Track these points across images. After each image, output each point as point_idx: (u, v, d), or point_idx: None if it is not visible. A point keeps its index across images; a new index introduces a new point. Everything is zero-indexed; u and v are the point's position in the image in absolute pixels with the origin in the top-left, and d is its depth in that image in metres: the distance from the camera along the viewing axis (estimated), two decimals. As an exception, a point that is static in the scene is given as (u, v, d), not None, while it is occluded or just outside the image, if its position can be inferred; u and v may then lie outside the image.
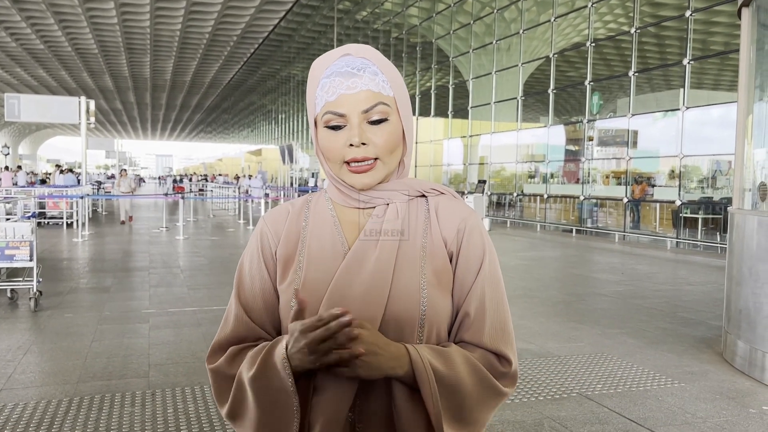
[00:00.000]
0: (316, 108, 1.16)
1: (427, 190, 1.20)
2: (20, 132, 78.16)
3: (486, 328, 1.12)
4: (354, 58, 1.13)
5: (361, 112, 1.10)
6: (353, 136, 1.10)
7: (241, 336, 1.16)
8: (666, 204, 15.55)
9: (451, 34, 24.05)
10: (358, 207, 1.17)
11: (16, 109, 18.90)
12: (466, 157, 24.24)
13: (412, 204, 1.18)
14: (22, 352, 4.97)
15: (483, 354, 1.11)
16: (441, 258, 1.13)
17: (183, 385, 4.21)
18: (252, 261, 1.19)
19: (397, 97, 1.15)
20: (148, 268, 9.33)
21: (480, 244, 1.15)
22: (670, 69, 16.31)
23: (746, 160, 5.22)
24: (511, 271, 9.93)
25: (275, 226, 1.20)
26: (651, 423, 3.68)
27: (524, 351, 5.18)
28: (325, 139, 1.13)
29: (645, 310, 6.95)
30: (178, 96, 54.08)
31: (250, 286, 1.18)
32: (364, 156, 1.11)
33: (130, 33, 30.86)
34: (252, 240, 1.22)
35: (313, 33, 35.35)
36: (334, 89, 1.11)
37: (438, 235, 1.15)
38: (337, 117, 1.11)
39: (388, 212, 1.15)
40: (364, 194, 1.16)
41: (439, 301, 1.11)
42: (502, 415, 3.75)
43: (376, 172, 1.12)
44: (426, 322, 1.09)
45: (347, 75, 1.11)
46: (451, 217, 1.16)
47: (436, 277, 1.12)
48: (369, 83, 1.11)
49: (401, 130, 1.15)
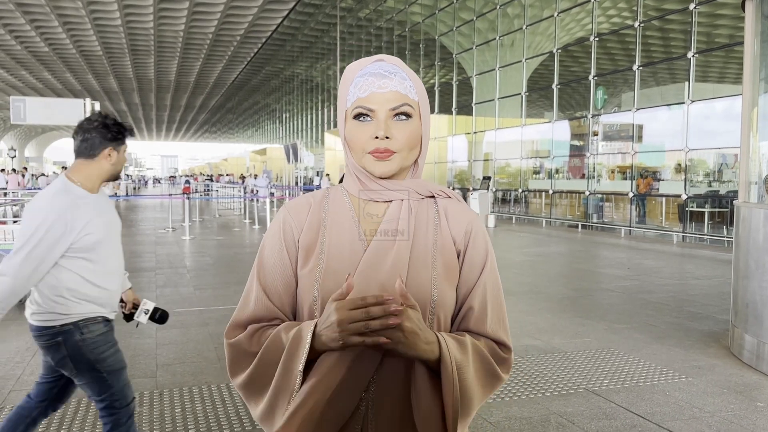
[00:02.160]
0: (347, 102, 1.27)
1: (437, 192, 1.30)
2: (26, 135, 78.46)
3: (488, 320, 1.25)
4: (386, 64, 1.26)
5: (388, 109, 1.22)
6: (379, 129, 1.21)
7: (259, 316, 1.25)
8: (672, 198, 15.50)
9: (454, 30, 24.02)
10: (374, 199, 1.27)
11: (21, 111, 18.95)
12: (471, 153, 24.21)
13: (423, 203, 1.29)
14: (30, 353, 4.99)
15: (487, 342, 1.24)
16: (449, 255, 1.25)
17: (190, 385, 4.22)
18: (273, 247, 1.27)
19: (420, 103, 1.28)
20: (154, 269, 9.35)
21: (484, 246, 1.29)
22: (675, 62, 16.24)
23: (752, 152, 5.20)
24: (516, 267, 9.92)
25: (298, 216, 1.29)
26: (658, 418, 3.68)
27: (530, 347, 5.18)
28: (353, 130, 1.24)
29: (651, 304, 6.93)
30: (182, 96, 54.19)
31: (271, 270, 1.26)
32: (387, 148, 1.21)
33: (133, 34, 30.93)
34: (274, 228, 1.30)
35: (315, 31, 35.37)
36: (366, 87, 1.23)
37: (447, 234, 1.27)
38: (366, 110, 1.23)
39: (402, 209, 1.25)
40: (381, 187, 1.26)
41: (447, 293, 1.23)
42: (509, 411, 3.75)
43: (393, 162, 1.22)
44: (435, 311, 1.20)
45: (379, 76, 1.23)
46: (460, 220, 1.29)
47: (445, 272, 1.23)
48: (398, 86, 1.23)
49: (420, 133, 1.27)
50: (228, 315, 6.37)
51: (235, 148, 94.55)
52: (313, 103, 43.62)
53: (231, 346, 1.23)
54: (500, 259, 10.49)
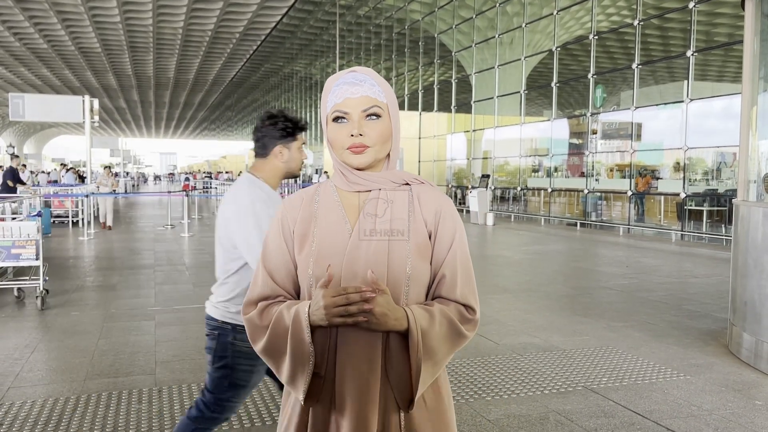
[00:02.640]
0: (327, 109, 1.50)
1: (411, 180, 1.54)
2: (25, 131, 78.37)
3: (458, 287, 1.48)
4: (358, 74, 1.48)
5: (360, 110, 1.46)
6: (354, 128, 1.45)
7: (266, 294, 1.51)
8: (670, 196, 15.51)
9: (453, 28, 24.01)
10: (356, 190, 1.50)
11: (20, 108, 18.93)
12: (470, 151, 24.21)
13: (399, 191, 1.52)
14: (29, 350, 4.99)
15: (455, 306, 1.47)
16: (422, 235, 1.48)
17: (189, 382, 4.22)
18: (275, 238, 1.53)
19: (389, 104, 1.50)
20: (153, 266, 9.35)
21: (452, 225, 1.50)
22: (674, 61, 16.25)
23: (751, 151, 5.20)
24: (515, 265, 9.93)
25: (292, 210, 1.54)
26: (657, 416, 3.69)
27: (529, 345, 5.18)
28: (333, 132, 1.48)
29: (650, 303, 6.94)
30: (181, 94, 54.11)
31: (275, 257, 1.52)
32: (361, 143, 1.45)
33: (132, 31, 30.87)
34: (274, 222, 1.56)
35: (315, 29, 35.32)
36: (341, 94, 1.47)
37: (420, 217, 1.49)
38: (342, 114, 1.46)
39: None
40: (361, 179, 1.49)
41: (420, 268, 1.45)
42: (508, 409, 3.76)
43: (367, 155, 1.46)
44: (410, 283, 1.44)
45: (352, 84, 1.47)
46: (431, 203, 1.51)
47: (418, 250, 1.46)
48: (368, 91, 1.47)
49: (390, 130, 1.50)
50: (227, 312, 6.36)
51: (233, 145, 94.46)
52: (312, 101, 43.59)
53: (247, 321, 1.50)
54: (499, 257, 10.49)
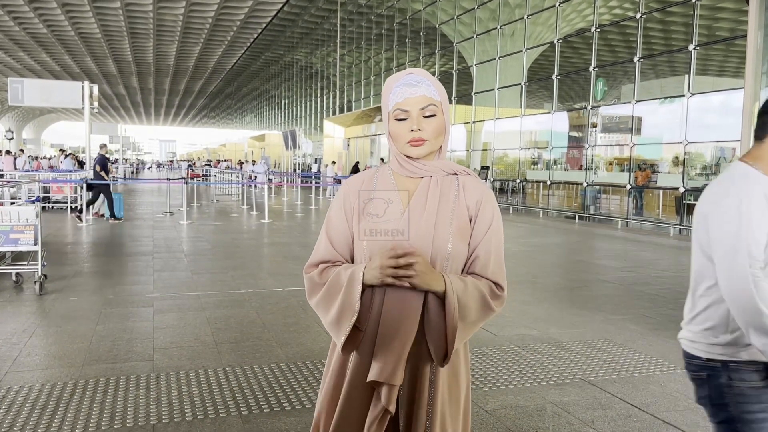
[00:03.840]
0: (389, 107, 1.72)
1: (459, 171, 1.76)
2: (24, 117, 78.12)
3: (490, 266, 1.69)
4: (416, 76, 1.70)
5: (419, 108, 1.68)
6: (413, 124, 1.68)
7: (326, 258, 1.75)
8: (669, 191, 15.52)
9: (455, 19, 23.92)
10: (411, 176, 1.73)
11: (19, 93, 18.87)
12: (470, 143, 24.18)
13: (446, 178, 1.74)
14: (27, 335, 4.99)
15: (487, 282, 1.68)
16: (464, 219, 1.69)
17: (187, 369, 4.23)
18: (338, 211, 1.77)
19: (442, 102, 1.72)
20: (152, 253, 9.35)
21: (491, 211, 1.72)
22: (675, 55, 16.19)
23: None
24: (513, 257, 9.93)
25: (354, 188, 1.78)
26: (654, 408, 3.70)
27: (527, 336, 5.19)
28: (395, 128, 1.71)
29: (648, 296, 6.95)
30: (181, 81, 53.92)
31: (336, 227, 1.76)
32: (419, 137, 1.68)
33: (133, 18, 30.72)
34: (338, 197, 1.80)
35: (316, 18, 35.18)
36: (402, 94, 1.69)
37: (463, 203, 1.71)
38: (403, 112, 1.69)
39: (431, 184, 1.71)
40: (415, 167, 1.72)
41: (459, 247, 1.68)
42: (505, 400, 3.77)
43: (424, 147, 1.69)
44: (450, 259, 1.66)
45: (411, 85, 1.68)
46: (474, 192, 1.73)
47: (459, 232, 1.68)
48: (424, 91, 1.68)
49: (443, 125, 1.72)
50: (225, 300, 6.38)
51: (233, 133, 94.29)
52: (312, 90, 43.48)
53: (308, 279, 1.74)
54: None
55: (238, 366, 4.30)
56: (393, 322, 1.61)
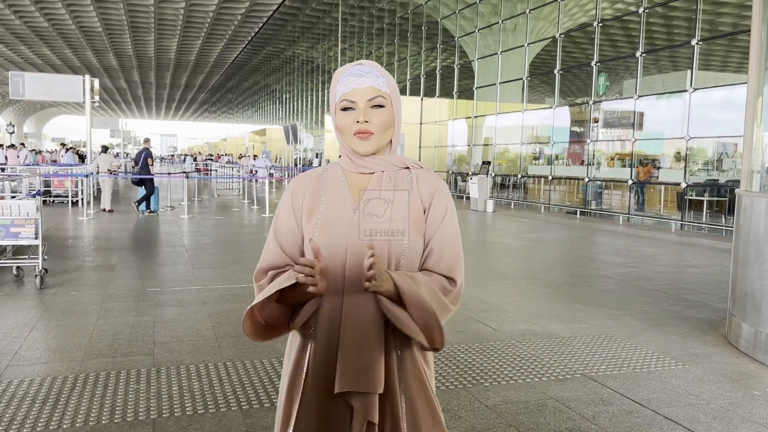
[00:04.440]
0: (336, 98, 1.65)
1: (411, 164, 1.70)
2: (25, 111, 78.08)
3: (444, 260, 1.61)
4: (364, 66, 1.64)
5: (366, 100, 1.61)
6: (359, 116, 1.61)
7: (276, 264, 1.66)
8: (671, 186, 15.49)
9: (456, 13, 23.85)
10: (361, 172, 1.66)
11: (20, 87, 18.84)
12: (471, 138, 24.14)
13: (400, 173, 1.67)
14: (27, 329, 4.99)
15: (438, 277, 1.60)
16: (418, 212, 1.62)
17: (188, 363, 4.22)
18: (286, 212, 1.69)
19: (391, 95, 1.65)
20: (152, 247, 9.34)
21: (444, 203, 1.66)
22: (677, 50, 16.15)
23: (755, 142, 5.17)
24: (514, 252, 9.92)
25: (302, 186, 1.70)
26: (655, 404, 3.69)
27: (528, 332, 5.18)
28: (341, 119, 1.64)
29: (649, 292, 6.94)
30: (182, 75, 53.83)
31: (284, 229, 1.68)
32: (366, 129, 1.60)
33: (134, 11, 30.64)
34: (285, 196, 1.72)
35: (317, 12, 35.07)
36: (349, 84, 1.62)
37: (417, 196, 1.64)
38: (349, 102, 1.62)
39: (384, 179, 1.64)
40: (366, 162, 1.65)
41: (416, 242, 1.61)
42: (506, 395, 3.76)
43: (372, 142, 1.62)
44: (406, 253, 1.59)
45: (358, 76, 1.62)
46: (427, 184, 1.67)
47: (414, 225, 1.61)
48: (372, 82, 1.62)
49: (393, 118, 1.66)
50: (226, 295, 6.37)
51: (234, 128, 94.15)
52: (313, 85, 43.41)
53: (258, 287, 1.65)
54: (498, 244, 10.46)
55: (238, 360, 4.29)
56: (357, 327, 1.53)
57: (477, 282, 7.24)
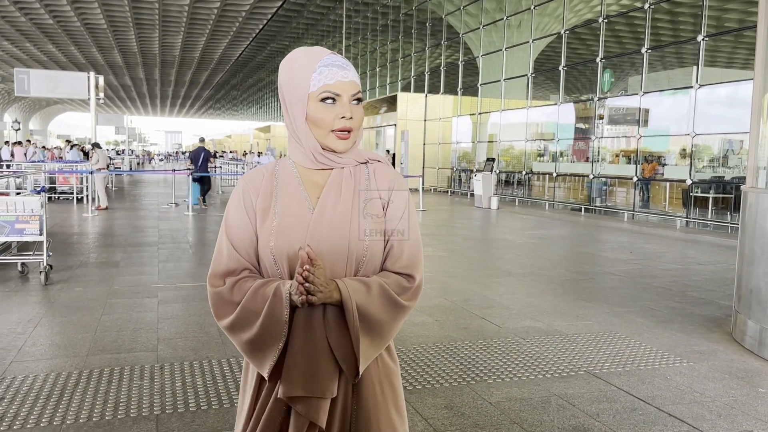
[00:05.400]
0: (310, 87, 1.52)
1: (369, 158, 1.63)
2: (30, 107, 78.24)
3: (403, 258, 1.56)
4: (340, 58, 1.56)
5: (350, 95, 1.53)
6: (345, 111, 1.52)
7: (232, 268, 1.55)
8: (676, 183, 15.43)
9: (461, 10, 23.79)
10: (321, 169, 1.58)
11: (25, 83, 18.90)
12: (475, 134, 24.09)
13: (358, 168, 1.61)
14: (32, 324, 5.00)
15: (395, 277, 1.54)
16: (377, 210, 1.57)
17: (191, 359, 4.23)
18: (237, 211, 1.57)
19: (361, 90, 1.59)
20: (157, 244, 9.35)
21: (404, 200, 1.60)
22: (682, 46, 16.07)
23: (761, 138, 5.14)
24: (518, 249, 9.90)
25: (254, 185, 1.59)
26: (659, 402, 3.67)
27: (532, 328, 5.17)
28: (320, 110, 1.52)
29: (654, 289, 6.92)
30: (186, 72, 53.87)
31: (237, 230, 1.56)
32: (350, 126, 1.53)
33: (138, 8, 30.67)
34: (235, 195, 1.60)
35: (321, 8, 35.04)
36: (332, 75, 1.52)
37: (375, 192, 1.58)
38: (334, 95, 1.52)
39: (344, 175, 1.57)
40: (329, 159, 1.56)
41: (376, 242, 1.54)
42: (510, 392, 3.75)
43: (351, 141, 1.55)
44: (368, 252, 1.52)
45: (341, 67, 1.53)
46: (385, 179, 1.61)
47: (374, 221, 1.55)
48: (354, 77, 1.55)
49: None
50: (230, 291, 6.36)
51: (239, 125, 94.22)
52: (317, 81, 43.30)
53: (215, 294, 1.53)
54: (502, 241, 10.44)
55: (242, 357, 4.29)
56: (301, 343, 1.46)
57: (481, 279, 7.23)
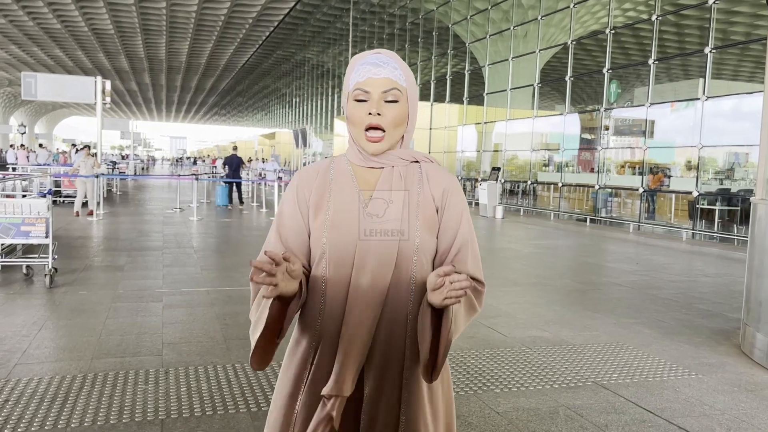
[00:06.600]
0: (349, 86, 1.55)
1: (421, 158, 1.63)
2: (37, 111, 78.56)
3: (469, 262, 1.56)
4: (382, 56, 1.55)
5: (381, 91, 1.52)
6: (372, 107, 1.51)
7: None
8: (682, 195, 15.39)
9: (468, 19, 23.83)
10: (371, 167, 1.58)
11: (32, 87, 18.97)
12: (481, 144, 24.09)
13: (409, 167, 1.60)
14: (37, 327, 4.98)
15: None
16: (430, 210, 1.56)
17: (196, 364, 4.20)
18: (290, 206, 1.60)
19: (408, 89, 1.56)
20: (161, 248, 9.34)
21: (460, 202, 1.59)
22: (689, 58, 16.08)
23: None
24: (524, 258, 9.87)
25: (308, 180, 1.61)
26: (668, 414, 3.64)
27: (538, 338, 5.14)
28: (353, 109, 1.54)
29: (660, 300, 6.88)
30: (192, 78, 54.06)
31: (289, 224, 1.58)
32: (378, 123, 1.51)
33: (146, 14, 30.80)
34: (289, 191, 1.63)
35: (328, 17, 35.15)
36: (364, 73, 1.53)
37: (428, 193, 1.57)
38: (363, 93, 1.52)
39: (394, 175, 1.56)
40: (377, 157, 1.56)
41: (427, 240, 1.54)
42: (517, 402, 3.72)
43: (383, 143, 1.54)
44: (418, 254, 1.52)
45: (375, 65, 1.53)
46: (439, 181, 1.59)
47: (426, 223, 1.54)
48: (389, 74, 1.52)
49: (407, 113, 1.57)
50: (234, 296, 6.35)
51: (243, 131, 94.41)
52: (323, 89, 43.46)
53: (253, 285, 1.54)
54: (508, 250, 10.41)
55: (247, 362, 4.26)
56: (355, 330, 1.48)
57: (487, 288, 7.19)
